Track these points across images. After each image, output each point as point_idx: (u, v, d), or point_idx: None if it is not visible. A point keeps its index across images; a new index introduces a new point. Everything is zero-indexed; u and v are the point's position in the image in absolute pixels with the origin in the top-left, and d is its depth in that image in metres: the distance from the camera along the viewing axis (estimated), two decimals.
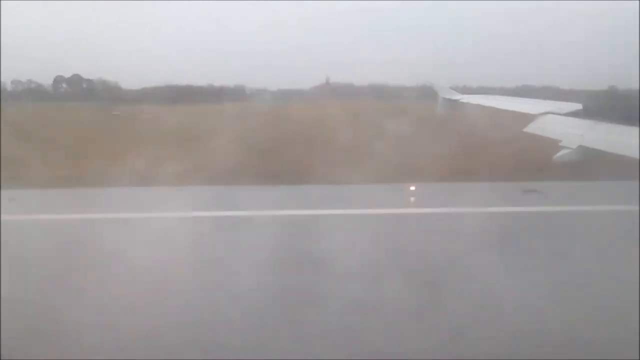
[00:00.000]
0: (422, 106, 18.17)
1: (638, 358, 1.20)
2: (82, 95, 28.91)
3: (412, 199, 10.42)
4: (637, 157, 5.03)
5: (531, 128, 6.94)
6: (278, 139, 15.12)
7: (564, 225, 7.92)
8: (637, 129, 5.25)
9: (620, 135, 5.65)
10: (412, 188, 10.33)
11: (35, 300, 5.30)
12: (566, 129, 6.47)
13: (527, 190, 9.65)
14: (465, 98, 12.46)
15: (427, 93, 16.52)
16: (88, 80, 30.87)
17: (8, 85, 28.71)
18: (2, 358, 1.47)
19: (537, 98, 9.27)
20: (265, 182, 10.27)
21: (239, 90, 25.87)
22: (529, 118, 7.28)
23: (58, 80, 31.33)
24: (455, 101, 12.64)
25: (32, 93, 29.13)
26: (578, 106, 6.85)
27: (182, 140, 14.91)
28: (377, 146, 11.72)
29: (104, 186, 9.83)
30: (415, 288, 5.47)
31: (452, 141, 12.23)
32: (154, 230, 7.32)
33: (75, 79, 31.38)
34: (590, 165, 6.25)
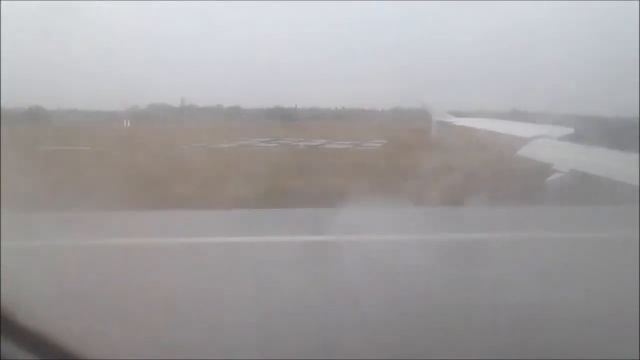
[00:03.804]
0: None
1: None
2: None
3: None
4: (626, 180, 5.22)
5: (524, 151, 7.12)
6: None
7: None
8: (624, 153, 5.45)
9: (609, 159, 5.84)
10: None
11: None
12: (558, 153, 6.66)
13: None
14: (459, 121, 12.67)
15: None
16: None
17: None
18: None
19: (530, 122, 9.49)
20: None
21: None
22: (522, 141, 7.45)
23: None
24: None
25: None
26: (570, 130, 7.05)
27: None
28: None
29: None
30: None
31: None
32: None
33: None
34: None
